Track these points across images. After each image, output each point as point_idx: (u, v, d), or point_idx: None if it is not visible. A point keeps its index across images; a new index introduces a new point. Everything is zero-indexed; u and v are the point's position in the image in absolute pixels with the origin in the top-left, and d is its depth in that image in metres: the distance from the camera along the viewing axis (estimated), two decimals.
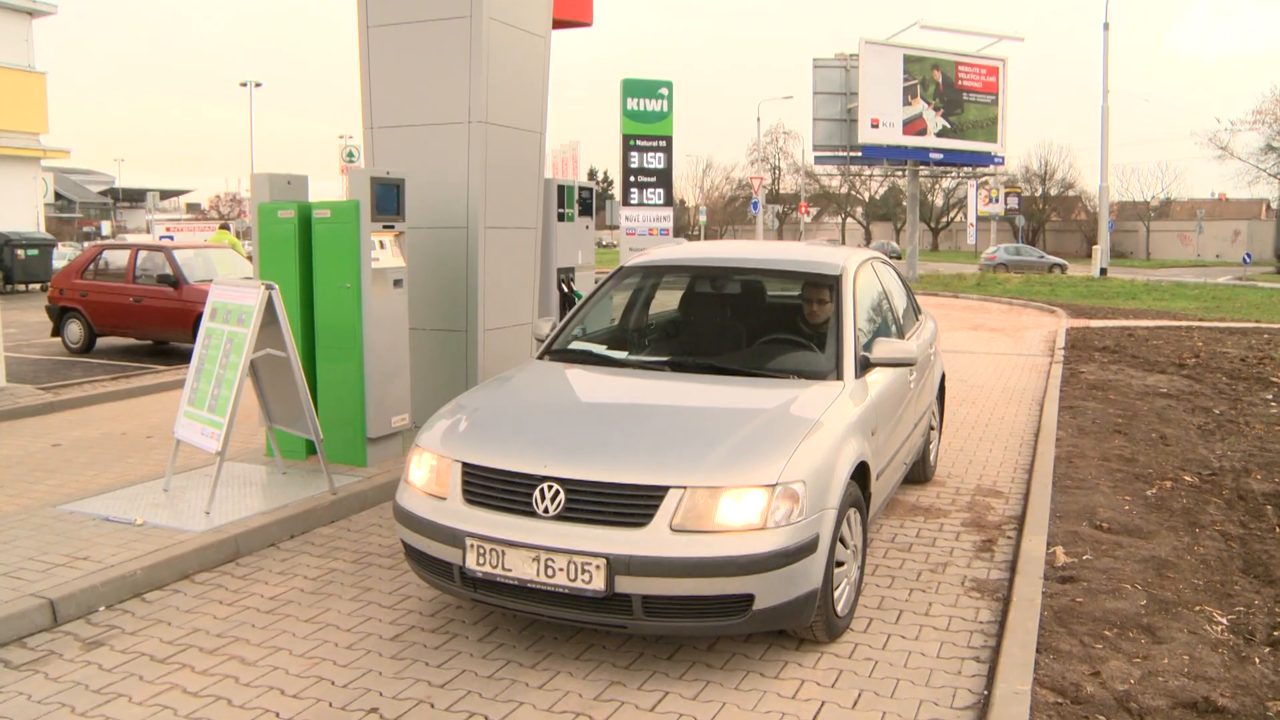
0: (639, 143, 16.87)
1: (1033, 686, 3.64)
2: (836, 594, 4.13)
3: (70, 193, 68.52)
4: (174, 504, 5.91)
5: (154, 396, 10.11)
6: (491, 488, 3.94)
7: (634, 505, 3.70)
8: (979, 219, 63.18)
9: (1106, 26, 36.61)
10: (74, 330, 13.54)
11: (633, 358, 5.22)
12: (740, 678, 3.89)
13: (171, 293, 12.59)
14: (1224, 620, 4.33)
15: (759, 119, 73.30)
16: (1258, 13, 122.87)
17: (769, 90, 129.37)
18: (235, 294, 6.12)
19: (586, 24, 11.19)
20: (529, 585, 3.71)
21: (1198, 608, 4.45)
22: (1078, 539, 5.38)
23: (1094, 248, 38.33)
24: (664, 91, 16.78)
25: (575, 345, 5.38)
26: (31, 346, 14.06)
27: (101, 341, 13.79)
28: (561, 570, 3.65)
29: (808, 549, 3.75)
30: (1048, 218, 72.79)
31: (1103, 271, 35.60)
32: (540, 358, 5.30)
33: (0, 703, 3.71)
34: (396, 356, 6.98)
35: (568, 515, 3.74)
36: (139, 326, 13.24)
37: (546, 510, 3.76)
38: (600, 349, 5.35)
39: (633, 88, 16.55)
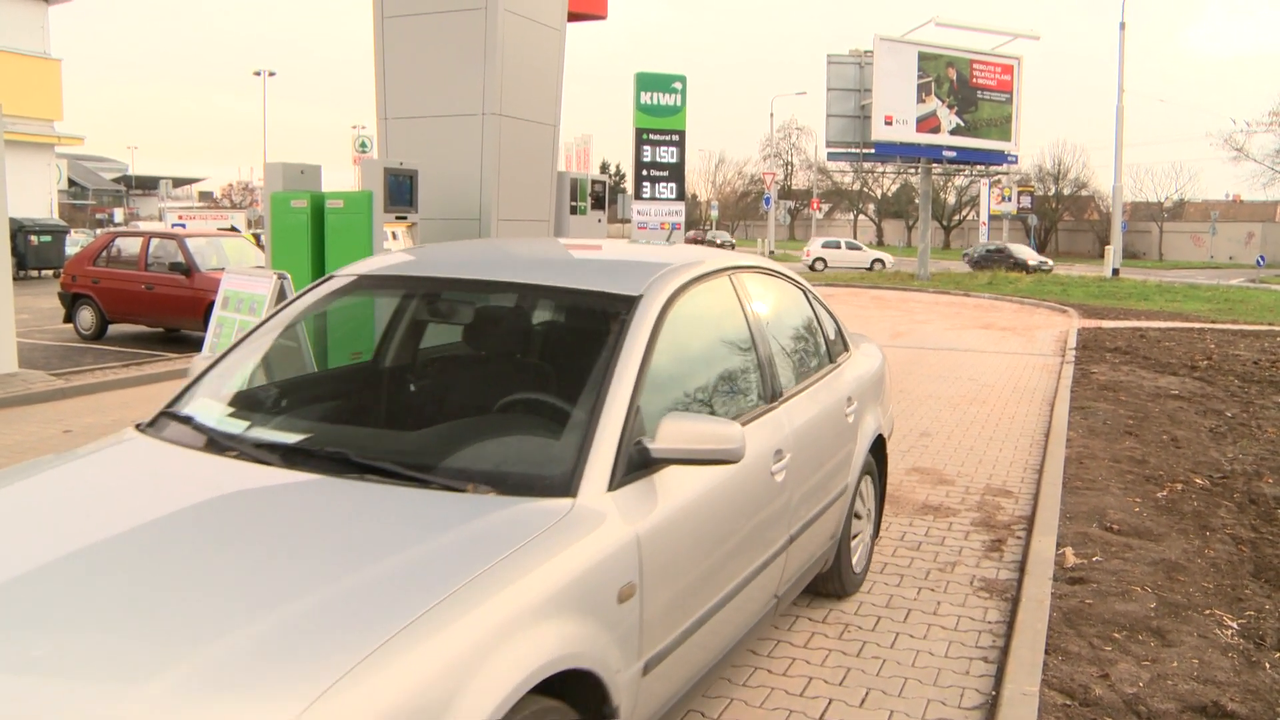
0: (652, 136, 16.84)
1: (1041, 688, 3.63)
2: None
3: (83, 179, 68.72)
4: None
5: (165, 384, 10.14)
6: None
7: None
8: (991, 218, 62.96)
9: (1123, 26, 36.41)
10: (86, 317, 13.59)
11: (249, 434, 3.10)
12: (748, 674, 3.89)
13: (183, 280, 12.63)
14: (1234, 624, 4.31)
15: (772, 114, 73.09)
16: (1275, 12, 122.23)
17: (783, 86, 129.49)
18: (248, 283, 6.15)
19: (601, 17, 11.17)
20: None
21: (1208, 611, 4.43)
22: (1087, 540, 5.37)
23: (1106, 248, 38.19)
24: (677, 86, 16.77)
25: (201, 403, 3.28)
26: (43, 332, 14.12)
27: (113, 328, 13.84)
28: None
29: None
30: (1060, 217, 72.57)
31: (1115, 272, 35.48)
32: (149, 424, 3.22)
33: None
34: None
35: None
36: (151, 314, 13.29)
37: None
38: (222, 415, 3.24)
39: (646, 81, 16.54)
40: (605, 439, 2.71)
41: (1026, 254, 43.32)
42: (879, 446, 4.96)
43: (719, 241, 65.72)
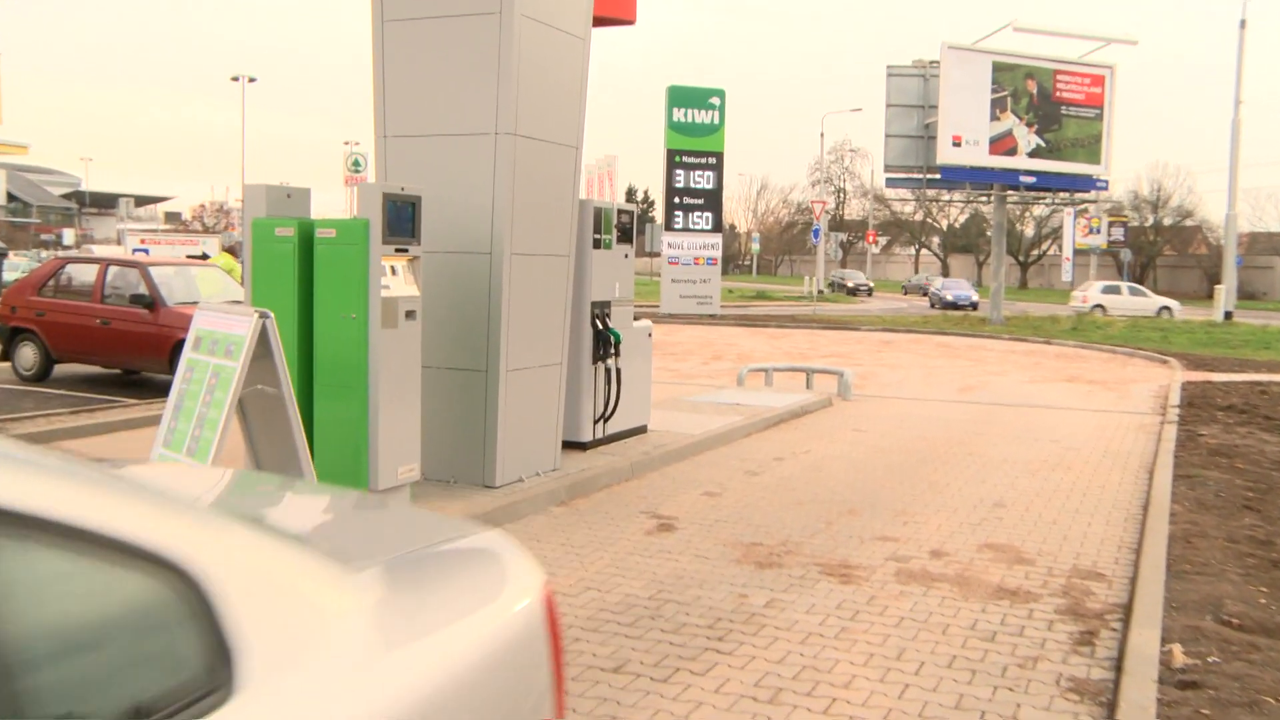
0: (685, 159, 16.94)
1: None
2: None
3: (26, 194, 69.90)
4: None
5: (121, 434, 10.26)
6: None
7: None
8: (1076, 252, 62.88)
9: (1243, 24, 36.41)
10: (27, 355, 13.74)
11: None
12: None
13: (146, 315, 12.79)
14: None
15: (823, 134, 73.65)
16: None
17: (834, 101, 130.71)
18: (224, 321, 6.23)
19: (629, 22, 11.36)
20: None
21: None
22: (1200, 636, 5.32)
23: (1217, 287, 38.04)
24: (715, 101, 16.88)
25: None
26: None
27: (60, 369, 13.96)
28: None
29: None
30: (1160, 251, 72.37)
31: (1228, 315, 35.29)
32: None
33: None
34: (406, 399, 7.06)
35: None
36: (106, 353, 13.45)
37: None
38: None
39: (680, 96, 16.62)
40: None
41: None
42: None
43: (850, 285, 61.84)
